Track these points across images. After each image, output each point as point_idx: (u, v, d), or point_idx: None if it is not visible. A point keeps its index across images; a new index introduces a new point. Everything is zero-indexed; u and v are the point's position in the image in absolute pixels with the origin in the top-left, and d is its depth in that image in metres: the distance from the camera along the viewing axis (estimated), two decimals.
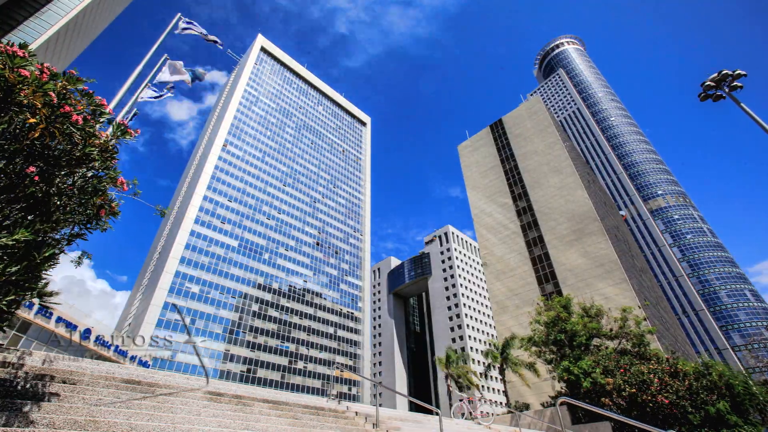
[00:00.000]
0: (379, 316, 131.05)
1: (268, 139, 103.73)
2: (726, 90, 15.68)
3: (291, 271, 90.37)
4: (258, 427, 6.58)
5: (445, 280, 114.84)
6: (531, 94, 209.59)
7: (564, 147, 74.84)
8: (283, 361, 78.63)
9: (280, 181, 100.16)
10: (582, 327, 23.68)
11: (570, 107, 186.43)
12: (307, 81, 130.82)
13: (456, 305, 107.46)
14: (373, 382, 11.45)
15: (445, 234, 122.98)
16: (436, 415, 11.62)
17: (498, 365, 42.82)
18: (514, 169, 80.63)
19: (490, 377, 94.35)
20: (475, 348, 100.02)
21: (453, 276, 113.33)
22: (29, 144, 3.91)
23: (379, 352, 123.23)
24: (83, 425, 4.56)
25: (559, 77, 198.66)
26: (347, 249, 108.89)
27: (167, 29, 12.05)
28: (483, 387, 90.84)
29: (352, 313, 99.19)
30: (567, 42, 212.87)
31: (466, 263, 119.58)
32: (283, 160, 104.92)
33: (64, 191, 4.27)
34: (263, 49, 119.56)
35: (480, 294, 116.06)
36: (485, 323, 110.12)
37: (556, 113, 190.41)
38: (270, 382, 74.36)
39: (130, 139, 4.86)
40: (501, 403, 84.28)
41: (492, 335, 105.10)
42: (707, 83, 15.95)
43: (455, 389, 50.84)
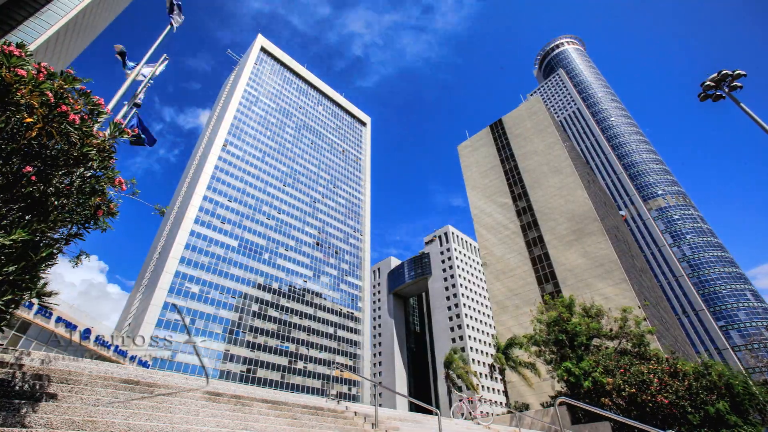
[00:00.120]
0: (379, 316, 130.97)
1: (268, 139, 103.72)
2: (726, 90, 15.67)
3: (291, 271, 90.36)
4: (256, 427, 6.57)
5: (445, 280, 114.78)
6: (531, 94, 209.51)
7: (564, 147, 74.82)
8: (283, 361, 78.62)
9: (280, 181, 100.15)
10: (585, 327, 23.65)
11: (570, 107, 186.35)
12: (307, 81, 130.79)
13: (456, 305, 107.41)
14: (373, 382, 11.44)
15: (445, 234, 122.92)
16: (435, 416, 11.62)
17: (498, 365, 42.81)
18: (514, 169, 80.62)
19: (490, 377, 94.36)
20: (475, 348, 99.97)
21: (453, 276, 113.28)
22: (26, 143, 3.91)
23: (379, 352, 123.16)
24: (81, 425, 4.56)
25: (559, 77, 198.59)
26: (347, 249, 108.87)
27: (166, 30, 12.05)
28: (483, 387, 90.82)
29: (352, 313, 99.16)
30: (567, 42, 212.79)
31: (466, 263, 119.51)
32: (283, 160, 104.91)
33: (61, 191, 4.26)
34: (263, 49, 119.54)
35: (480, 294, 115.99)
36: (485, 323, 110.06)
37: (556, 113, 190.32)
38: (270, 382, 74.35)
39: (127, 138, 4.86)
40: (501, 403, 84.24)
41: (492, 335, 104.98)
42: (707, 83, 15.94)
43: (455, 389, 50.84)
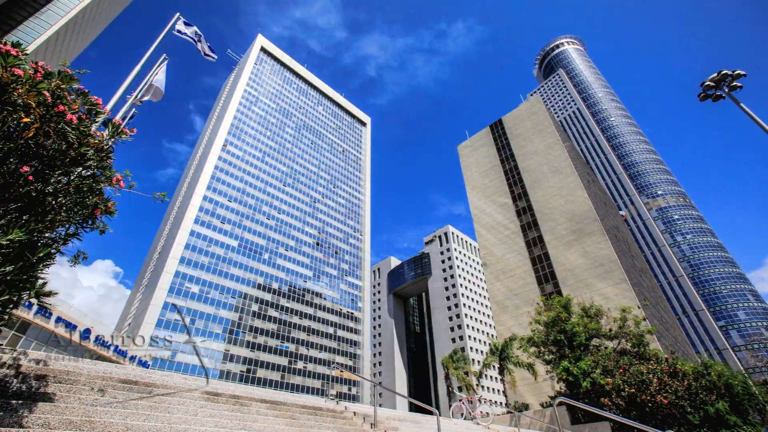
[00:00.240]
0: (379, 316, 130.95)
1: (268, 139, 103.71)
2: (726, 90, 15.66)
3: (291, 271, 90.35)
4: (255, 427, 6.56)
5: (445, 280, 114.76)
6: (531, 94, 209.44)
7: (564, 147, 74.80)
8: (283, 361, 78.61)
9: (280, 181, 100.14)
10: (582, 328, 23.63)
11: (570, 107, 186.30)
12: (307, 81, 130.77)
13: (456, 305, 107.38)
14: (372, 382, 11.43)
15: (445, 234, 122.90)
16: (434, 416, 11.61)
17: (498, 365, 42.80)
18: (513, 169, 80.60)
19: (489, 377, 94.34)
20: (475, 348, 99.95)
21: (453, 276, 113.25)
22: (23, 143, 3.90)
23: (379, 352, 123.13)
24: (79, 425, 4.55)
25: (559, 77, 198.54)
26: (347, 249, 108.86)
27: (166, 29, 12.03)
28: (483, 387, 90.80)
29: (351, 313, 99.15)
30: (567, 42, 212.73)
31: (466, 263, 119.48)
32: (283, 160, 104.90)
33: (59, 191, 4.26)
34: (263, 49, 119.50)
35: (480, 294, 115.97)
36: (485, 323, 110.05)
37: (556, 113, 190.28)
38: (270, 382, 74.34)
39: (126, 138, 4.85)
40: (500, 403, 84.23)
41: (492, 335, 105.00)
42: (707, 83, 15.93)
43: (455, 389, 50.84)
